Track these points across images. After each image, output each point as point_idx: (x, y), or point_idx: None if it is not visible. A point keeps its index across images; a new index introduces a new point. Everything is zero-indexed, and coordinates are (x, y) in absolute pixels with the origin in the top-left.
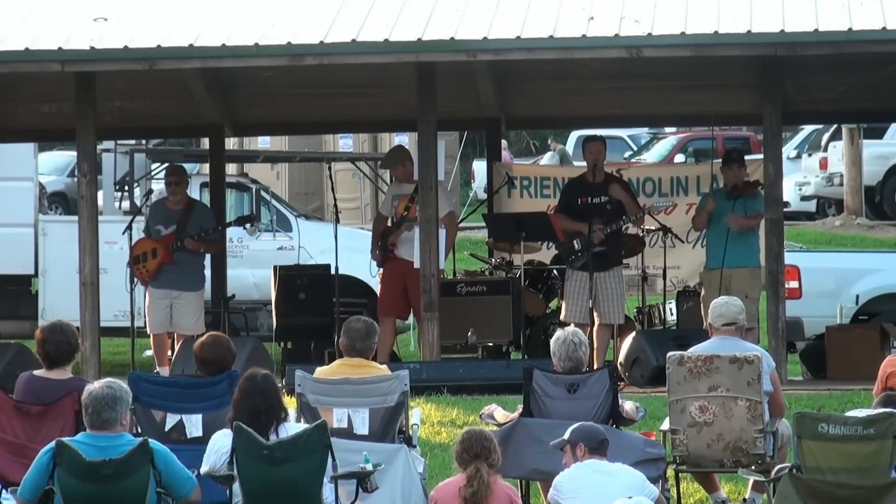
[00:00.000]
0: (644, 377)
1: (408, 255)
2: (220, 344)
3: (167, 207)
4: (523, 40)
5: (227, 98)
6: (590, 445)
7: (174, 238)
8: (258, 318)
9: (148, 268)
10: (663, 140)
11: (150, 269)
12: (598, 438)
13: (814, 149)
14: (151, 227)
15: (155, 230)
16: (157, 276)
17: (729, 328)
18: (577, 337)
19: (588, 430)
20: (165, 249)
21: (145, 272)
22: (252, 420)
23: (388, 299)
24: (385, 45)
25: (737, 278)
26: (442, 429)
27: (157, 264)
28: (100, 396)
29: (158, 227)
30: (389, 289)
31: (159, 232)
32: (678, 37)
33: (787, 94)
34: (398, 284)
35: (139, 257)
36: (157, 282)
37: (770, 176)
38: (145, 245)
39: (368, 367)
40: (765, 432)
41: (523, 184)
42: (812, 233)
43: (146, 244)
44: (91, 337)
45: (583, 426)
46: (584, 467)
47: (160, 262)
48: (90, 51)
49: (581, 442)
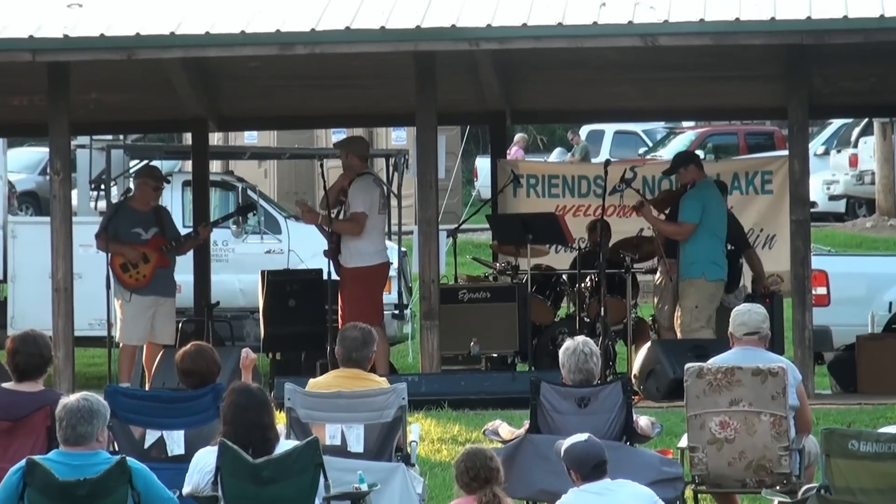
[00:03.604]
0: (660, 390)
1: (346, 261)
2: (203, 355)
3: (135, 209)
4: (530, 28)
5: (211, 90)
6: (581, 473)
7: (164, 240)
8: (244, 327)
9: (143, 273)
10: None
11: (147, 275)
12: (588, 465)
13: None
14: (126, 231)
15: (133, 233)
16: (150, 281)
17: (752, 338)
18: (587, 347)
19: (579, 453)
20: (159, 252)
21: (141, 278)
22: (239, 437)
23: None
24: (381, 32)
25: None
26: (442, 446)
27: (151, 269)
28: (75, 409)
29: (137, 230)
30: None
31: (139, 235)
32: (696, 24)
33: (814, 85)
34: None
35: (128, 263)
36: (147, 288)
37: (796, 174)
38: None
39: (364, 379)
40: (790, 450)
41: (530, 182)
42: (841, 235)
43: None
44: (64, 347)
45: (574, 447)
46: (578, 493)
47: (155, 266)
48: (63, 39)
49: (571, 469)
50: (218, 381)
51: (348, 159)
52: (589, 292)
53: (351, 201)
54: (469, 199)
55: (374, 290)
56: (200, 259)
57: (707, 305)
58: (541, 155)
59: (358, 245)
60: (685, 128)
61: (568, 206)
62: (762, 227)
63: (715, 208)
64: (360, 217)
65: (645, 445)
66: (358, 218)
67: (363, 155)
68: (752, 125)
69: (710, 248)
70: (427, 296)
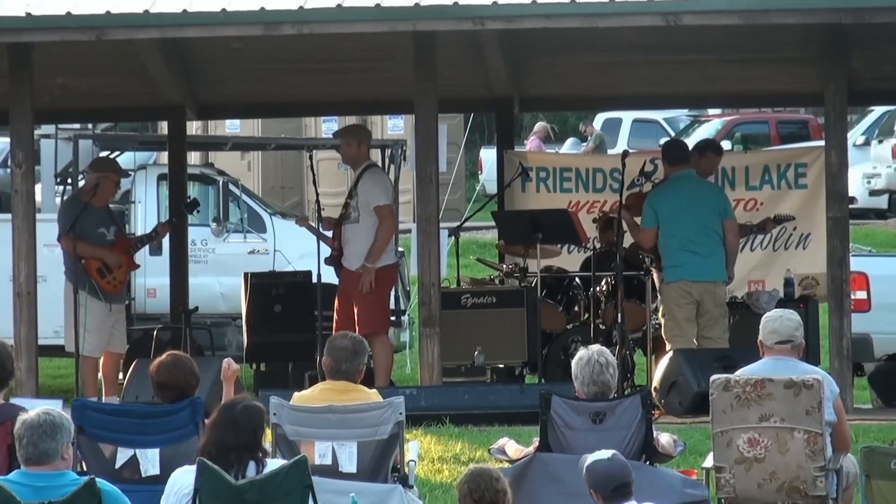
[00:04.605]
0: (683, 405)
1: (353, 264)
2: (180, 365)
3: (95, 207)
4: (540, 5)
5: (189, 75)
6: (602, 494)
7: (129, 241)
8: (226, 335)
9: (119, 278)
10: (706, 124)
11: (122, 280)
12: (609, 486)
13: (884, 134)
14: (92, 231)
15: (99, 234)
16: (124, 287)
17: (784, 346)
18: (603, 357)
19: (600, 472)
20: (127, 255)
21: (118, 284)
22: (219, 456)
23: (340, 318)
24: (376, 10)
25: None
26: (443, 466)
27: (124, 273)
28: (36, 424)
29: (101, 230)
30: (341, 305)
31: (104, 236)
32: (724, 1)
33: (854, 69)
34: (346, 296)
35: (104, 267)
36: (119, 295)
37: (833, 166)
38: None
39: (356, 391)
40: (826, 470)
41: (540, 176)
42: (882, 234)
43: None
44: (27, 357)
45: (595, 465)
46: None
47: (127, 270)
48: (26, 17)
49: (592, 489)
50: (196, 394)
51: (359, 149)
52: (605, 297)
53: (368, 196)
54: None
55: (385, 293)
56: (177, 260)
57: (675, 310)
58: (552, 146)
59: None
60: (711, 116)
61: (582, 201)
62: (795, 226)
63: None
64: (388, 211)
65: (666, 465)
66: (386, 213)
67: (370, 144)
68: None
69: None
70: (427, 301)
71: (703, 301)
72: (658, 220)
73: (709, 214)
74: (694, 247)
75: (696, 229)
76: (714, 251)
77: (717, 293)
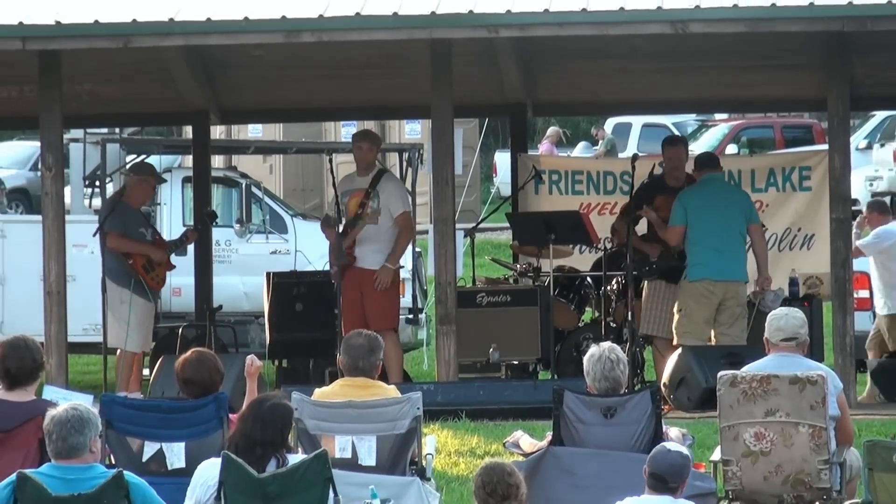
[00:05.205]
0: (691, 400)
1: (368, 262)
2: (205, 362)
3: (132, 208)
4: (552, 13)
5: (212, 81)
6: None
7: (166, 242)
8: (249, 333)
9: (161, 276)
10: (713, 128)
11: (163, 278)
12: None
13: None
14: (135, 231)
15: (140, 234)
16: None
17: (789, 344)
18: (614, 353)
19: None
20: (163, 254)
21: (160, 282)
22: (246, 449)
23: (350, 315)
24: (394, 18)
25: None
26: (460, 459)
27: (164, 271)
28: (64, 419)
29: (142, 230)
30: (349, 302)
31: (144, 236)
32: (730, 9)
33: (856, 75)
34: (356, 294)
35: (149, 264)
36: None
37: (836, 169)
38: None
39: (375, 387)
40: (830, 463)
41: (552, 178)
42: None
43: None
44: (57, 353)
45: (656, 451)
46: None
47: (166, 269)
48: (55, 26)
49: (646, 465)
50: (220, 390)
51: (375, 153)
52: (615, 295)
53: (390, 202)
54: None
55: (398, 293)
56: (202, 260)
57: (693, 307)
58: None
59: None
60: (717, 120)
61: (593, 203)
62: (800, 227)
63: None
64: (409, 218)
65: None
66: (408, 220)
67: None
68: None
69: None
70: (443, 299)
71: (726, 299)
72: (687, 217)
73: (735, 216)
74: (719, 245)
75: (721, 229)
76: (737, 251)
77: (738, 292)
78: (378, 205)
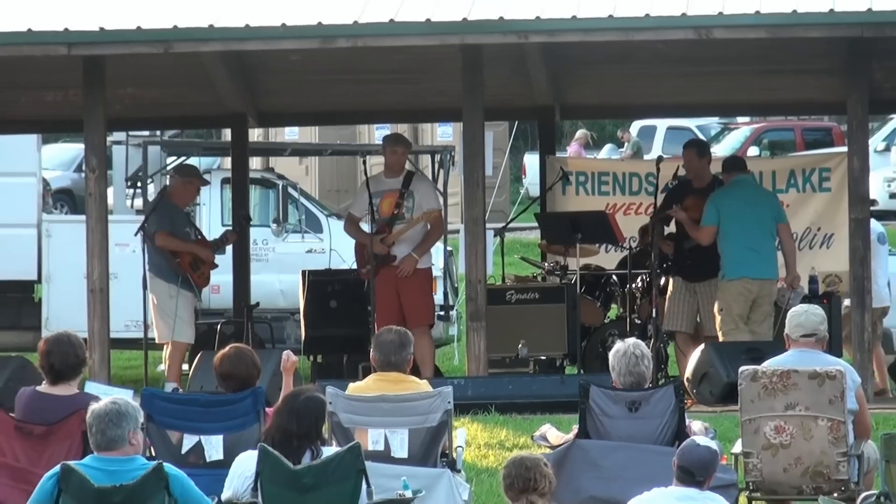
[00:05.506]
0: (713, 394)
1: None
2: (243, 357)
3: (178, 208)
4: (580, 20)
5: (250, 85)
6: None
7: (209, 242)
8: (285, 329)
9: (205, 274)
10: (735, 131)
11: (208, 276)
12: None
13: None
14: (181, 230)
15: (185, 233)
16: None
17: (809, 339)
18: (638, 349)
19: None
20: (209, 252)
21: (205, 279)
22: (282, 441)
23: (386, 313)
24: (427, 25)
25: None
26: (489, 451)
27: (208, 270)
28: (103, 413)
29: (187, 229)
30: (385, 300)
31: (189, 235)
32: (752, 16)
33: (875, 79)
34: (391, 292)
35: (195, 262)
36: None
37: (855, 171)
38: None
39: (407, 382)
40: (849, 456)
41: (579, 180)
42: None
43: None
44: (100, 349)
45: (686, 443)
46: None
47: (210, 268)
48: (99, 32)
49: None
50: (257, 384)
51: (405, 156)
52: (640, 293)
53: (423, 202)
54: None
55: (431, 291)
56: (240, 259)
57: (732, 305)
58: (591, 151)
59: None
60: (740, 123)
61: (618, 204)
62: (819, 226)
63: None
64: (440, 216)
65: None
66: (439, 218)
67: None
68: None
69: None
70: (473, 297)
71: (760, 297)
72: (720, 217)
73: (766, 216)
74: (755, 245)
75: (755, 228)
76: (770, 250)
77: (771, 290)
78: (413, 204)
